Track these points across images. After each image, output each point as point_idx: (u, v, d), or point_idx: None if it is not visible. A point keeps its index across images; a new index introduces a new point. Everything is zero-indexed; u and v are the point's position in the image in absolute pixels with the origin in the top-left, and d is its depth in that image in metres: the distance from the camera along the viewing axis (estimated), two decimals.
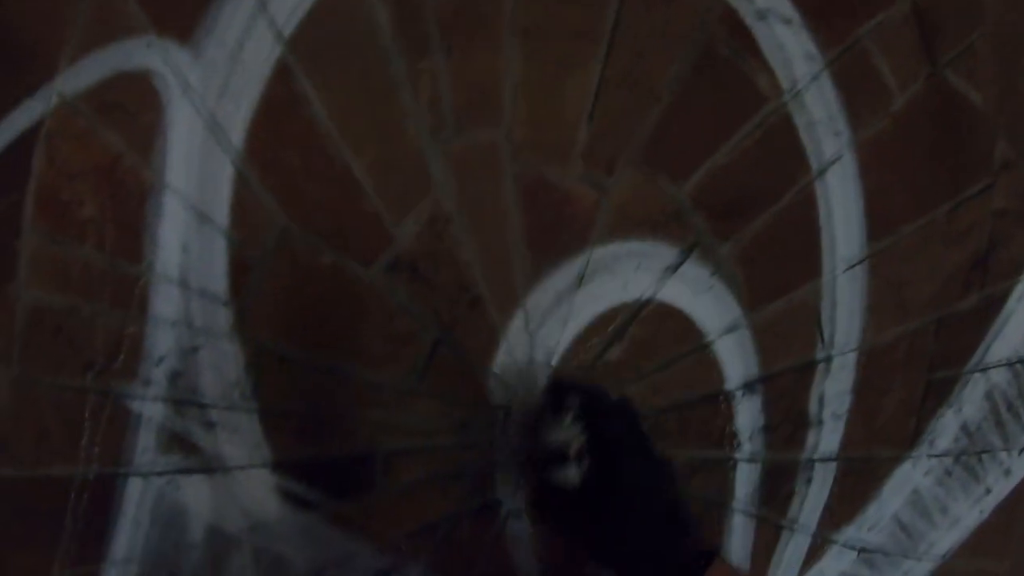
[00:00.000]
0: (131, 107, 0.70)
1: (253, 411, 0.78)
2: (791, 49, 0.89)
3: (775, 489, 1.00)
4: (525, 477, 0.87)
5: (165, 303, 0.74)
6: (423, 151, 0.79)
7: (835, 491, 1.03)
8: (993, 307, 1.06)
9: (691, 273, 0.90)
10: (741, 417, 0.96)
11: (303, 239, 0.77)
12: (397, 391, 0.83)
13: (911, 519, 1.10)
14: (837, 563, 1.08)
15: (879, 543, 1.09)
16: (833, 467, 1.03)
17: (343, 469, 0.83)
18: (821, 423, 1.00)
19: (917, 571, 1.13)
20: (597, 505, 0.72)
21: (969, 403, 1.08)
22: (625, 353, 0.90)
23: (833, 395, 1.00)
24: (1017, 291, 1.07)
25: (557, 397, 0.77)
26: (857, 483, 1.05)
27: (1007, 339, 1.08)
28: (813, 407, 1.00)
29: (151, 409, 0.75)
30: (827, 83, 0.91)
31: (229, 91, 0.73)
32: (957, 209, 1.00)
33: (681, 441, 0.94)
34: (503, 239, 0.83)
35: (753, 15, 0.86)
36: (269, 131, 0.74)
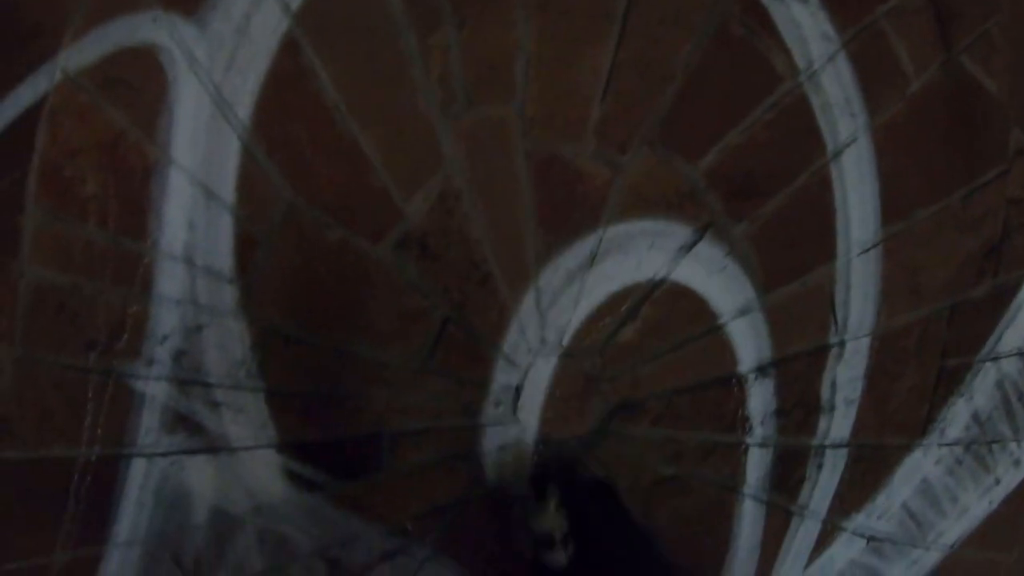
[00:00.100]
0: (135, 82, 0.70)
1: (259, 390, 0.77)
2: (807, 29, 0.87)
3: (786, 474, 1.00)
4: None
5: (169, 281, 0.73)
6: (433, 126, 0.78)
7: (845, 478, 1.03)
8: (1006, 295, 1.05)
9: (705, 253, 0.89)
10: (753, 401, 0.96)
11: (310, 214, 0.76)
12: (405, 370, 0.82)
13: (920, 508, 1.09)
14: (846, 550, 1.07)
15: (888, 532, 1.08)
16: (844, 453, 1.02)
17: (349, 449, 0.82)
18: (833, 408, 0.99)
19: (925, 560, 1.12)
20: None
21: (980, 392, 1.07)
22: (638, 334, 0.90)
23: (846, 380, 0.99)
24: None
25: (540, 486, 0.83)
26: (868, 470, 1.04)
27: (1019, 328, 1.07)
28: (826, 392, 0.99)
29: (155, 389, 0.74)
30: (844, 64, 0.90)
31: (236, 65, 0.72)
32: (972, 195, 0.99)
33: (695, 423, 0.94)
34: (514, 216, 0.82)
35: None
36: (276, 106, 0.73)
